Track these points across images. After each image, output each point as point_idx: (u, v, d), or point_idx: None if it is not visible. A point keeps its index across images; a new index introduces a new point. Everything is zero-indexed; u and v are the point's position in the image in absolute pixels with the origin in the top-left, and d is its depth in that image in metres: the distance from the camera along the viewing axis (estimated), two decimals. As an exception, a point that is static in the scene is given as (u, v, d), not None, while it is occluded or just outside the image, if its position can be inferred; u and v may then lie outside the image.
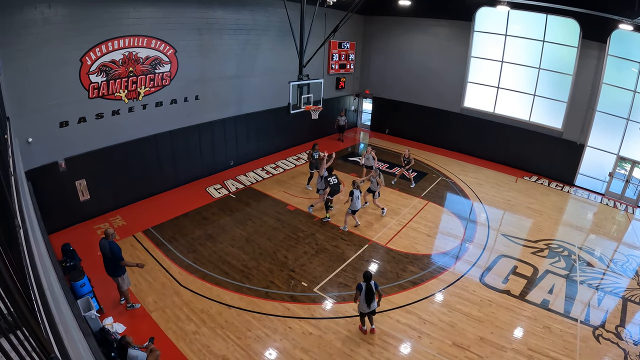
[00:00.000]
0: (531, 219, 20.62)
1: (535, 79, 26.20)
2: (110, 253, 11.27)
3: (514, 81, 27.05)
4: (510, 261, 16.47)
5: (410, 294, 13.78)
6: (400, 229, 18.01)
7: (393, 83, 31.23)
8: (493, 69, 27.47)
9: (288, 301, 12.99)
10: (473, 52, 27.89)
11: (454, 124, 29.53)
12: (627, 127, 23.52)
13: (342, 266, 14.97)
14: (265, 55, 22.79)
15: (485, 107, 28.36)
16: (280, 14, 20.40)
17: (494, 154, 28.51)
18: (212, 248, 15.57)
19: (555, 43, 24.88)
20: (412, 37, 29.56)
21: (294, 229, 17.38)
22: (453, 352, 11.52)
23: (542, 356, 11.71)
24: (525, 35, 25.77)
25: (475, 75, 28.37)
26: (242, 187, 20.78)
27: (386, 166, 25.58)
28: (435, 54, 28.95)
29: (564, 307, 14.00)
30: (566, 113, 25.47)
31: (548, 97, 26.12)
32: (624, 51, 22.69)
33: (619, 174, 25.02)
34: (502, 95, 27.71)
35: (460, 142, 29.69)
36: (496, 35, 26.69)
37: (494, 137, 28.18)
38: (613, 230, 20.86)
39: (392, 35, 30.30)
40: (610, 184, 25.20)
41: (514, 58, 26.58)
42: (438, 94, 29.51)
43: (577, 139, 25.34)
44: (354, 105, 33.41)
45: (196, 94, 19.58)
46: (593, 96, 24.11)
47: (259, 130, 23.97)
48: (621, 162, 24.76)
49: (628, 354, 12.18)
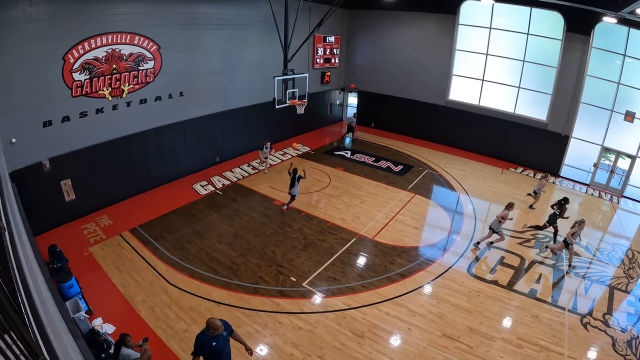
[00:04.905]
0: (517, 210, 20.71)
1: (519, 72, 26.43)
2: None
3: (499, 74, 27.26)
4: (498, 252, 16.62)
5: (399, 287, 13.82)
6: (388, 222, 18.07)
7: (378, 77, 31.27)
8: (478, 61, 27.65)
9: (277, 296, 12.95)
10: (458, 45, 28.02)
11: (439, 116, 29.67)
12: (611, 118, 23.94)
13: (330, 260, 14.97)
14: (250, 51, 22.66)
15: (471, 100, 28.57)
16: (264, 8, 20.29)
17: (479, 146, 28.72)
18: (200, 245, 15.47)
19: (539, 36, 25.14)
20: (397, 31, 29.61)
21: (281, 224, 17.34)
22: (443, 342, 11.60)
23: (531, 345, 11.85)
24: (509, 28, 25.96)
25: (460, 68, 28.53)
26: (229, 183, 20.69)
27: (372, 159, 25.60)
28: (420, 48, 29.02)
29: (552, 296, 14.19)
30: (551, 105, 25.78)
31: (533, 90, 26.42)
32: (608, 44, 23.06)
33: (603, 164, 25.36)
34: (487, 88, 27.90)
35: (446, 134, 29.84)
36: (481, 29, 26.84)
37: (480, 130, 28.37)
38: (598, 219, 21.08)
39: (376, 29, 30.31)
40: (595, 175, 25.58)
41: (499, 51, 26.76)
42: (423, 87, 29.62)
43: (561, 130, 25.62)
44: (339, 99, 33.37)
45: (181, 91, 19.41)
46: (577, 88, 24.45)
47: (244, 125, 23.86)
48: (606, 153, 25.08)
49: (616, 341, 12.38)
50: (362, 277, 14.20)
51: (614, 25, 21.57)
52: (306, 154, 25.68)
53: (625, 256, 17.68)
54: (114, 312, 11.92)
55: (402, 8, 28.07)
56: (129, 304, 12.23)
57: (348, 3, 25.36)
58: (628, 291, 15.20)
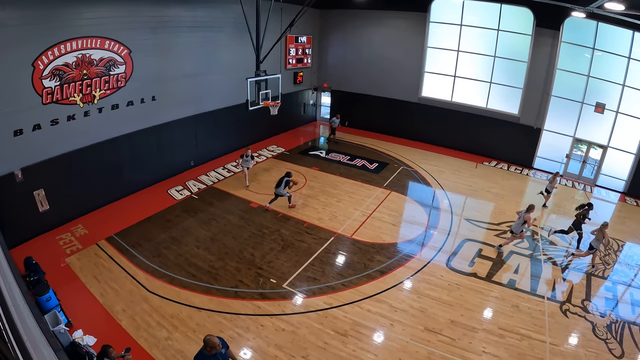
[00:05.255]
0: (493, 203, 21.11)
1: (491, 67, 26.84)
2: None
3: (471, 70, 27.64)
4: (475, 244, 16.86)
5: (379, 283, 13.88)
6: (365, 220, 18.12)
7: (351, 76, 31.34)
8: (449, 58, 27.96)
9: (258, 299, 12.88)
10: (429, 43, 28.27)
11: (412, 113, 29.89)
12: (582, 110, 24.66)
13: (309, 260, 14.95)
14: (222, 53, 22.51)
15: (443, 96, 28.86)
16: (236, 10, 20.11)
17: (453, 142, 29.04)
18: (178, 251, 15.29)
19: (509, 32, 25.63)
20: (369, 30, 29.73)
21: (258, 226, 17.25)
22: (426, 336, 11.70)
23: (512, 334, 12.07)
24: (480, 25, 26.33)
25: (432, 65, 28.78)
26: (204, 187, 20.48)
27: (347, 158, 25.66)
28: (392, 46, 29.20)
29: (530, 286, 14.48)
30: (522, 99, 26.32)
31: (504, 84, 26.89)
32: (577, 38, 23.75)
33: (575, 155, 26.02)
34: (459, 84, 28.24)
35: (419, 131, 30.07)
36: (452, 26, 27.16)
37: (453, 125, 28.71)
38: (573, 209, 21.38)
39: (348, 28, 30.40)
40: (567, 165, 26.21)
41: (470, 47, 27.14)
42: (396, 85, 29.80)
43: (533, 123, 26.11)
44: (312, 99, 33.35)
45: (153, 95, 19.15)
46: (548, 82, 25.09)
47: (218, 128, 23.66)
48: (577, 144, 25.75)
49: (596, 326, 12.77)
50: (342, 275, 14.22)
51: (582, 20, 22.22)
52: (281, 154, 25.60)
53: (600, 243, 17.97)
54: (94, 323, 11.68)
55: (373, 7, 28.22)
56: (109, 314, 12.02)
57: (319, 3, 25.34)
58: (605, 277, 15.65)
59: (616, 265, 16.63)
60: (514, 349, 11.57)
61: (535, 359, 11.35)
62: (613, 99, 23.67)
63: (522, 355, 11.39)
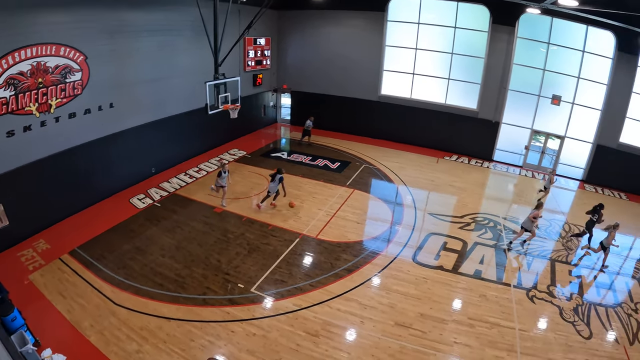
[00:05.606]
0: (455, 196, 21.48)
1: (449, 64, 27.33)
2: None
3: (429, 67, 28.03)
4: (440, 238, 17.13)
5: (347, 282, 13.92)
6: (329, 219, 18.15)
7: (311, 76, 31.31)
8: (408, 56, 28.28)
9: (227, 305, 12.74)
10: (388, 41, 28.55)
11: (373, 112, 30.08)
12: (539, 102, 25.64)
13: (276, 263, 14.87)
14: (181, 57, 22.14)
15: (403, 94, 29.17)
16: (193, 12, 19.64)
17: (414, 138, 29.37)
18: (143, 261, 14.95)
19: (466, 29, 26.23)
20: (328, 30, 29.78)
21: (223, 231, 17.07)
22: (397, 331, 11.80)
23: (482, 322, 12.35)
24: (437, 23, 26.77)
25: (391, 64, 29.07)
26: (167, 195, 20.10)
27: (309, 159, 25.66)
28: (351, 45, 29.32)
29: (497, 275, 14.88)
30: (480, 94, 27.00)
31: (462, 80, 27.47)
32: (533, 33, 24.73)
33: (534, 146, 26.87)
34: (418, 81, 28.58)
35: (380, 129, 30.31)
36: (409, 24, 27.48)
37: (413, 122, 29.02)
38: (534, 198, 21.87)
39: (307, 29, 30.38)
40: (527, 156, 27.01)
41: (428, 45, 27.52)
42: (356, 84, 29.94)
43: (492, 117, 26.76)
44: (272, 101, 33.19)
45: (110, 102, 18.71)
46: (505, 76, 25.94)
47: (179, 134, 23.22)
48: (536, 135, 26.60)
49: (563, 310, 13.30)
50: (309, 276, 14.19)
51: (537, 16, 23.17)
52: (242, 158, 25.34)
53: (562, 230, 18.91)
54: (63, 341, 11.30)
55: (331, 7, 28.24)
56: (77, 331, 11.69)
57: (277, 4, 25.25)
58: (568, 262, 16.27)
59: (579, 250, 17.35)
60: (485, 337, 11.82)
61: (506, 345, 11.63)
62: (569, 91, 24.80)
63: (493, 343, 11.65)
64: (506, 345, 11.63)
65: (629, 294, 14.95)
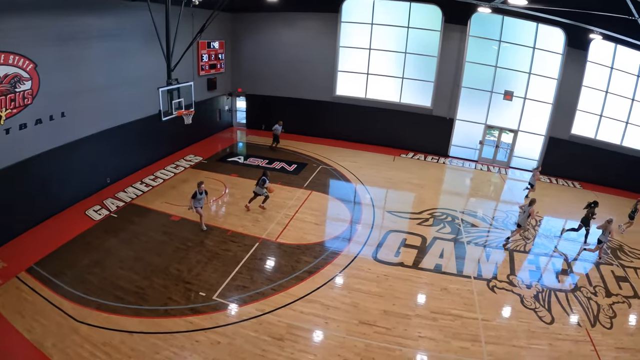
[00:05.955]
0: (413, 193, 21.81)
1: (402, 63, 27.72)
2: None
3: (383, 66, 28.34)
4: (399, 235, 17.31)
5: (309, 284, 13.90)
6: (288, 222, 18.08)
7: (266, 79, 31.04)
8: (362, 56, 28.50)
9: (190, 314, 12.51)
10: (342, 42, 28.67)
11: (328, 112, 30.14)
12: (492, 98, 26.54)
13: (237, 268, 14.68)
14: (134, 62, 21.55)
15: (358, 94, 29.38)
16: (145, 17, 19.18)
17: (370, 137, 29.61)
18: (102, 274, 14.48)
19: (419, 28, 26.71)
20: (281, 32, 29.64)
21: (182, 239, 16.71)
22: (361, 330, 11.85)
23: (445, 315, 12.59)
24: (390, 23, 27.10)
25: (345, 64, 29.22)
26: (123, 205, 19.57)
27: (265, 162, 25.45)
28: (305, 47, 29.34)
29: (457, 268, 15.22)
30: (434, 92, 27.60)
31: (416, 79, 27.91)
32: (484, 31, 25.61)
33: (488, 140, 27.52)
34: (373, 81, 28.84)
35: (336, 129, 30.39)
36: (363, 25, 27.70)
37: (369, 121, 29.27)
38: (490, 191, 22.36)
39: (261, 31, 30.13)
40: (481, 151, 27.67)
41: (382, 45, 27.83)
42: (311, 85, 29.94)
43: (446, 114, 27.34)
44: (227, 104, 32.82)
45: (62, 111, 18.17)
46: (458, 74, 26.61)
47: (133, 141, 22.58)
48: (489, 130, 27.18)
49: (523, 297, 13.76)
50: (271, 280, 14.09)
51: (488, 15, 23.92)
52: (199, 163, 24.93)
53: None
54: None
55: (284, 9, 28.05)
56: (39, 351, 11.29)
57: (231, 6, 25.05)
58: (527, 251, 16.83)
59: (537, 239, 17.96)
60: (449, 330, 12.04)
61: (470, 336, 11.89)
62: (521, 87, 25.83)
63: (457, 334, 11.89)
64: (470, 336, 11.88)
65: (587, 278, 15.60)
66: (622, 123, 25.27)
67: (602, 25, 20.18)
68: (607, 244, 17.27)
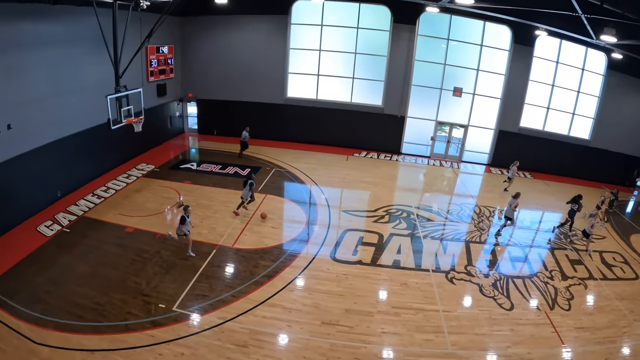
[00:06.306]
0: (368, 191, 22.13)
1: (353, 63, 28.03)
2: None
3: (334, 67, 28.57)
4: (356, 233, 17.49)
5: (269, 288, 13.84)
6: (244, 227, 17.92)
7: (217, 83, 30.68)
8: (313, 58, 28.63)
9: (150, 328, 12.20)
10: (292, 44, 28.69)
11: (280, 115, 30.12)
12: (442, 95, 27.39)
13: (195, 277, 14.44)
14: (82, 70, 20.69)
15: (309, 95, 29.49)
16: (92, 22, 18.64)
17: (323, 138, 29.78)
18: (58, 293, 13.91)
19: (369, 29, 27.12)
20: (232, 35, 29.40)
21: (137, 251, 16.25)
22: (324, 330, 11.92)
23: (407, 310, 12.84)
24: (340, 24, 27.38)
25: (296, 66, 29.26)
26: (76, 218, 18.87)
27: (219, 167, 25.15)
28: (256, 50, 29.16)
29: (415, 262, 15.55)
30: (385, 90, 28.05)
31: (366, 79, 28.31)
32: (433, 30, 26.39)
33: (440, 136, 28.21)
34: (324, 82, 29.01)
35: (289, 131, 30.40)
36: (313, 26, 27.84)
37: (321, 122, 29.46)
38: (444, 185, 22.86)
39: (211, 35, 29.77)
40: (433, 147, 28.36)
41: (332, 46, 28.04)
42: (262, 88, 29.79)
43: (397, 112, 27.84)
44: (178, 110, 32.26)
45: (8, 123, 17.49)
46: (407, 72, 27.27)
47: (83, 152, 21.72)
48: (441, 126, 27.92)
49: (482, 286, 14.27)
50: (230, 287, 13.96)
51: (436, 14, 24.68)
52: (152, 172, 24.30)
53: (473, 212, 20.18)
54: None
55: (234, 12, 27.76)
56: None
57: (180, 10, 24.66)
58: (482, 242, 17.42)
59: (491, 229, 18.60)
60: (411, 324, 12.27)
61: (433, 327, 12.20)
62: (469, 83, 26.78)
63: (420, 327, 12.15)
64: (433, 328, 12.17)
65: (543, 263, 16.30)
66: (569, 114, 26.47)
67: (547, 21, 21.01)
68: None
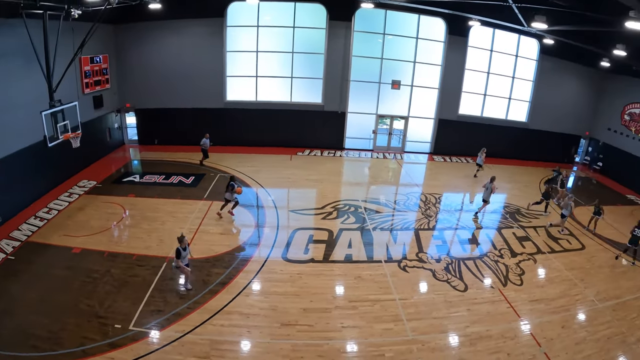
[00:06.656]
0: (314, 189, 22.32)
1: (290, 63, 28.15)
2: None
3: (272, 68, 28.57)
4: (306, 232, 17.66)
5: (224, 295, 13.75)
6: (193, 236, 17.62)
7: (155, 91, 29.78)
8: (250, 60, 28.52)
9: (109, 350, 11.74)
10: (229, 47, 28.41)
11: (221, 119, 29.79)
12: (380, 89, 28.07)
13: (148, 293, 14.05)
14: (12, 86, 19.36)
15: (249, 97, 29.38)
16: (21, 35, 17.83)
17: (265, 139, 29.72)
18: (10, 325, 13.04)
19: (305, 27, 27.27)
20: (167, 41, 28.65)
21: (87, 271, 15.53)
22: (284, 332, 11.97)
23: (363, 302, 13.10)
24: (276, 24, 27.45)
25: (234, 69, 29.04)
26: (20, 244, 17.94)
27: (162, 178, 24.47)
28: (193, 55, 28.69)
29: (367, 254, 15.91)
30: (324, 88, 28.39)
31: (305, 77, 28.52)
32: (369, 26, 26.94)
33: (381, 129, 28.71)
34: (263, 83, 28.95)
35: (230, 135, 29.96)
36: (249, 27, 27.71)
37: (262, 123, 29.41)
38: (389, 177, 23.27)
39: (146, 42, 28.89)
40: (376, 140, 28.93)
41: (269, 46, 28.01)
42: (201, 93, 29.39)
43: (337, 108, 28.12)
44: (117, 122, 31.28)
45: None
46: (345, 69, 27.68)
47: (21, 173, 20.49)
48: (381, 119, 28.49)
49: (435, 271, 14.80)
50: (185, 299, 13.71)
51: (371, 10, 25.18)
52: (94, 188, 23.26)
53: (420, 201, 20.79)
54: None
55: (168, 17, 26.97)
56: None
57: (112, 18, 23.95)
58: (431, 228, 18.03)
59: (439, 215, 19.37)
60: (369, 315, 12.53)
61: (391, 317, 12.52)
62: (407, 75, 27.62)
63: (378, 318, 12.43)
64: (392, 317, 12.48)
65: (492, 243, 17.03)
66: (506, 99, 27.60)
67: (479, 12, 21.86)
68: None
